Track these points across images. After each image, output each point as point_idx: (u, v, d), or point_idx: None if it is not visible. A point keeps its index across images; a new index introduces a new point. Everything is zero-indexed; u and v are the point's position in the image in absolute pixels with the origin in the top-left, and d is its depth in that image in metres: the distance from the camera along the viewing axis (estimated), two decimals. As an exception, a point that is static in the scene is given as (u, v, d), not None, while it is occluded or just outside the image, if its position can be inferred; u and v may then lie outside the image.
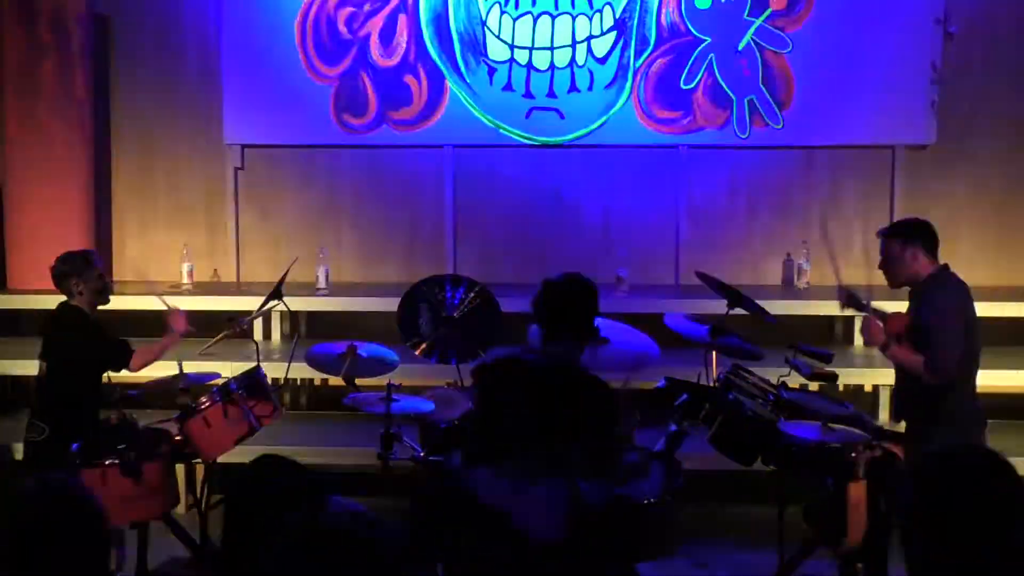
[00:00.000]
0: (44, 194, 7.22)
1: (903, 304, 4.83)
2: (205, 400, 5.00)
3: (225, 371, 5.52)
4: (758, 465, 4.73)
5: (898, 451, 4.57)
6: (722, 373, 4.91)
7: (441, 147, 7.67)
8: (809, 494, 4.73)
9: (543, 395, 3.02)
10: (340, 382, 5.27)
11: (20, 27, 7.19)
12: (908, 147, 7.52)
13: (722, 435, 4.67)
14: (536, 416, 2.98)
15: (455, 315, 5.44)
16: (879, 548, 4.45)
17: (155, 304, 5.54)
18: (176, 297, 6.19)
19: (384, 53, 7.59)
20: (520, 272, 7.23)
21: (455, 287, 5.52)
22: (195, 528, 5.10)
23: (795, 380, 5.06)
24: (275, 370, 5.77)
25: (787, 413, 4.67)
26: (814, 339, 6.19)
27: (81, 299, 5.09)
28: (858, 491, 4.37)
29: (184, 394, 5.08)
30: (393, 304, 5.71)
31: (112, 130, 7.82)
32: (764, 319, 5.24)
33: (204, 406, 4.97)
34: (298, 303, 6.67)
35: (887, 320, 4.70)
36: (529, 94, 7.53)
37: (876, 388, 6.65)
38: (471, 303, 5.44)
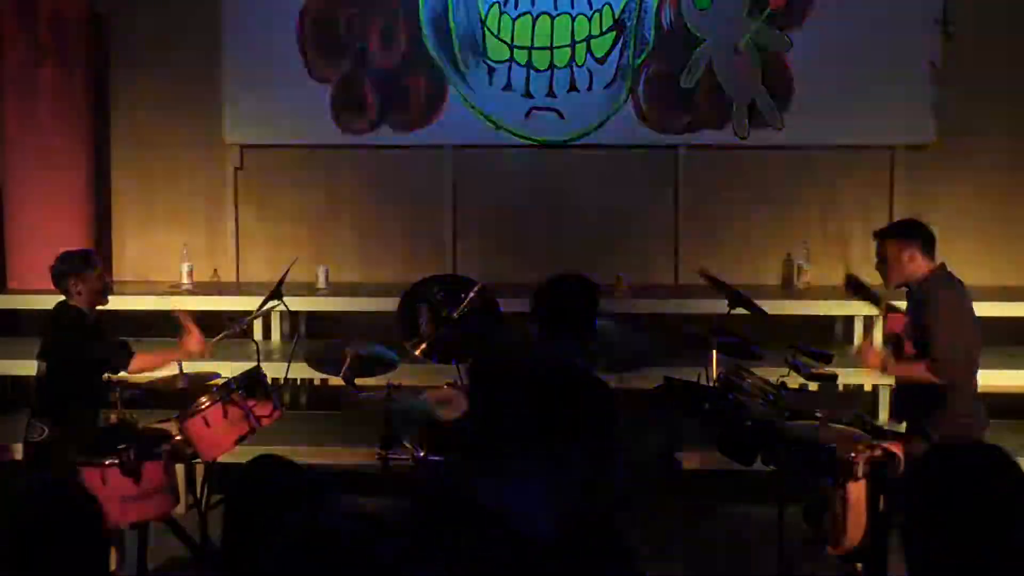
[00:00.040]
0: (44, 194, 7.21)
1: (902, 304, 4.84)
2: (205, 400, 4.98)
3: (225, 371, 5.52)
4: (758, 465, 4.73)
5: (898, 451, 4.57)
6: (722, 373, 4.92)
7: (441, 147, 7.67)
8: (809, 494, 4.74)
9: (543, 395, 3.02)
10: (340, 382, 5.27)
11: (20, 28, 7.18)
12: (908, 147, 7.52)
13: (722, 435, 4.67)
14: (536, 416, 2.98)
15: (455, 315, 5.44)
16: (879, 548, 4.45)
17: (155, 304, 5.53)
18: (176, 297, 6.18)
19: (384, 53, 7.59)
20: (520, 272, 7.22)
21: (455, 287, 5.52)
22: (195, 528, 5.10)
23: (795, 380, 5.07)
24: (275, 370, 5.77)
25: (787, 413, 4.68)
26: (814, 339, 6.18)
27: (80, 299, 5.07)
28: (858, 491, 4.36)
29: (184, 394, 5.07)
30: (393, 304, 5.70)
31: (112, 130, 7.80)
32: (752, 311, 5.24)
33: (204, 406, 4.95)
34: (298, 303, 6.67)
35: (888, 317, 4.70)
36: (529, 94, 7.53)
37: (876, 388, 6.66)
38: (471, 303, 5.44)
